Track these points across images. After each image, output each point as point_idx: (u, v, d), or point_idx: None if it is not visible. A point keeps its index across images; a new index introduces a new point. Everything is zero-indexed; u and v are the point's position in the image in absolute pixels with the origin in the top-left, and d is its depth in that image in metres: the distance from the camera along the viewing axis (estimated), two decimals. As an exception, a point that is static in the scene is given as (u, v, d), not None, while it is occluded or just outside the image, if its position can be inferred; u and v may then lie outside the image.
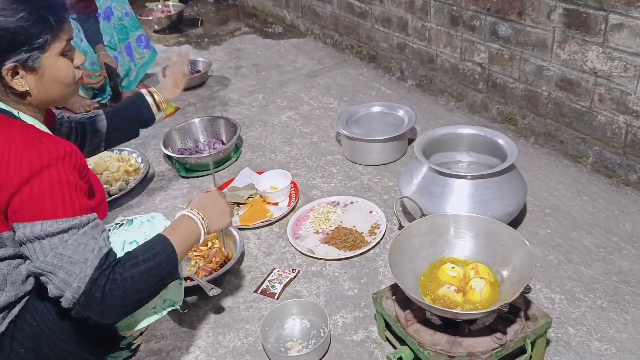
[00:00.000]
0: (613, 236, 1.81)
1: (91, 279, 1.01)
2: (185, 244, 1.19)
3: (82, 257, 1.02)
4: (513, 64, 2.29)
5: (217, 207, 1.32)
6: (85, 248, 1.02)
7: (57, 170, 1.03)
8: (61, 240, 1.01)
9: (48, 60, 1.11)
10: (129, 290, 1.05)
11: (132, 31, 3.13)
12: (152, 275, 1.09)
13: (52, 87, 1.14)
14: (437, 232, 1.48)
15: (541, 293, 1.63)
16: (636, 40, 1.79)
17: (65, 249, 1.01)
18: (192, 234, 1.22)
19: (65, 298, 1.02)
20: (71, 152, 1.06)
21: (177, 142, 2.55)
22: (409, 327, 1.36)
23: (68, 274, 1.01)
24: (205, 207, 1.28)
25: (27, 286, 1.15)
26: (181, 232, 1.20)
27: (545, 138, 2.28)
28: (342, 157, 2.42)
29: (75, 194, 1.05)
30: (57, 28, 1.10)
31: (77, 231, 1.03)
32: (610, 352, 1.44)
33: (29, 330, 1.13)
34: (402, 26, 2.85)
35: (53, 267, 1.01)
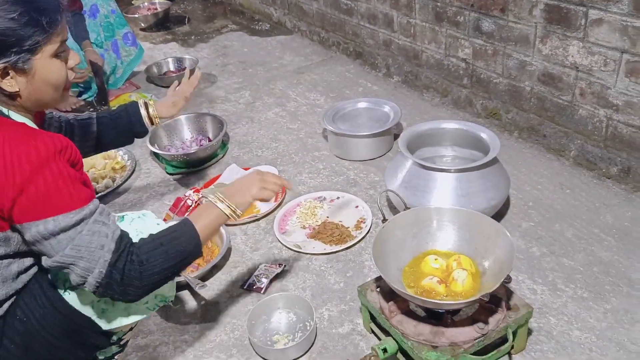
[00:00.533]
0: (594, 228, 1.84)
1: (110, 263, 1.05)
2: (210, 226, 1.24)
3: (99, 244, 1.05)
4: (496, 59, 2.31)
5: (245, 183, 1.35)
6: (99, 235, 1.06)
7: (57, 164, 1.03)
8: (76, 232, 1.04)
9: (39, 62, 1.09)
10: (147, 271, 1.09)
11: (118, 28, 3.12)
12: (170, 256, 1.13)
13: (43, 89, 1.13)
14: (420, 224, 1.50)
15: (524, 284, 1.65)
16: (615, 34, 1.82)
17: (82, 240, 1.04)
18: (215, 215, 1.25)
19: (89, 283, 1.06)
20: (67, 146, 1.07)
21: (164, 140, 2.55)
22: (393, 319, 1.38)
23: (89, 262, 1.04)
24: (233, 188, 1.32)
25: (18, 284, 1.15)
26: (204, 216, 1.24)
27: (528, 132, 2.31)
28: (328, 152, 2.43)
29: (78, 185, 1.07)
30: (49, 30, 1.08)
31: (88, 220, 1.06)
32: (590, 340, 1.46)
33: (19, 326, 1.14)
34: (387, 22, 2.87)
35: (73, 259, 1.04)
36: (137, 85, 3.27)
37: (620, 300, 1.57)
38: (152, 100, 1.78)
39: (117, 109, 1.75)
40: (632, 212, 1.88)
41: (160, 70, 3.37)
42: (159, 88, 3.23)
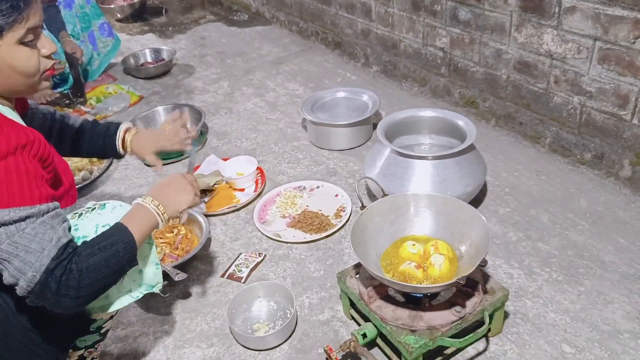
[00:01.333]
0: (569, 213, 1.87)
1: (47, 269, 1.00)
2: (143, 231, 1.17)
3: (39, 246, 1.00)
4: (473, 48, 2.33)
5: (175, 189, 1.29)
6: (42, 237, 1.01)
7: (16, 159, 1.00)
8: (18, 228, 1.00)
9: (2, 49, 1.06)
10: (85, 280, 1.04)
11: (94, 19, 3.08)
12: (110, 264, 1.08)
13: (10, 76, 1.10)
14: (397, 211, 1.51)
15: (500, 269, 1.68)
16: (588, 22, 1.84)
17: (22, 238, 1.00)
18: (148, 220, 1.20)
19: (20, 287, 1.01)
20: (33, 141, 1.04)
21: (142, 131, 2.52)
22: (372, 304, 1.39)
23: (23, 262, 0.99)
24: (162, 192, 1.26)
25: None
26: (137, 220, 1.18)
27: (505, 120, 2.34)
28: (308, 142, 2.43)
29: (35, 182, 1.03)
30: (11, 16, 1.04)
31: (36, 220, 1.01)
32: (564, 322, 1.50)
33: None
34: (365, 12, 2.87)
35: (8, 255, 1.00)
36: (114, 77, 3.23)
37: (594, 283, 1.60)
38: (135, 129, 1.60)
39: (103, 123, 1.62)
40: (605, 197, 1.92)
41: (137, 61, 3.34)
42: (136, 79, 3.19)
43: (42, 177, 1.06)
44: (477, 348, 1.45)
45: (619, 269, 1.64)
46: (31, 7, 1.07)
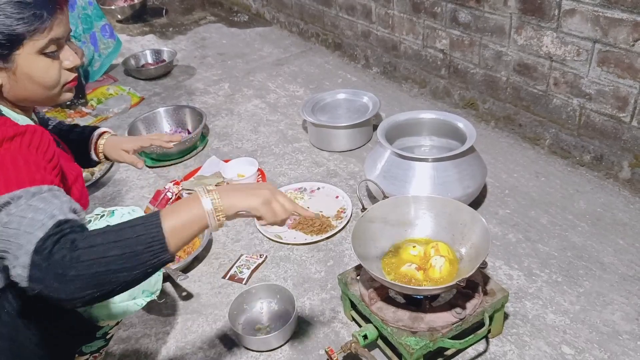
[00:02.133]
0: (568, 214, 1.88)
1: (36, 248, 0.87)
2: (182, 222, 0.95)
3: (29, 227, 0.89)
4: (473, 49, 2.34)
5: (247, 188, 1.05)
6: (33, 217, 0.90)
7: (4, 150, 0.97)
8: (7, 213, 0.91)
9: (21, 58, 1.04)
10: (82, 257, 0.87)
11: (96, 20, 3.09)
12: (119, 245, 0.89)
13: (28, 86, 1.08)
14: (398, 213, 1.52)
15: (500, 270, 1.69)
16: (587, 25, 1.85)
17: (12, 222, 0.90)
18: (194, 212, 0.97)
19: (20, 277, 0.89)
20: (24, 132, 1.00)
21: (143, 132, 2.54)
22: (372, 306, 1.40)
23: (17, 247, 0.89)
24: (231, 187, 1.04)
25: (8, 278, 1.14)
26: (178, 208, 0.97)
27: (504, 122, 2.35)
28: (308, 144, 2.44)
29: (26, 168, 0.96)
30: (33, 25, 1.02)
31: (26, 201, 0.92)
32: (564, 323, 1.51)
33: (5, 318, 1.13)
34: (366, 14, 2.88)
35: (3, 244, 0.91)
36: (114, 78, 3.23)
37: (593, 284, 1.61)
38: (110, 134, 1.54)
39: (80, 127, 1.56)
40: (604, 198, 1.93)
41: (138, 62, 3.34)
42: (137, 80, 3.20)
43: (37, 164, 0.99)
44: (477, 349, 1.46)
45: (619, 270, 1.65)
46: (55, 18, 1.05)
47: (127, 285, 0.92)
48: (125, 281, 0.91)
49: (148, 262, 0.91)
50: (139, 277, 0.92)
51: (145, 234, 0.91)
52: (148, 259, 0.91)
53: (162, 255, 0.92)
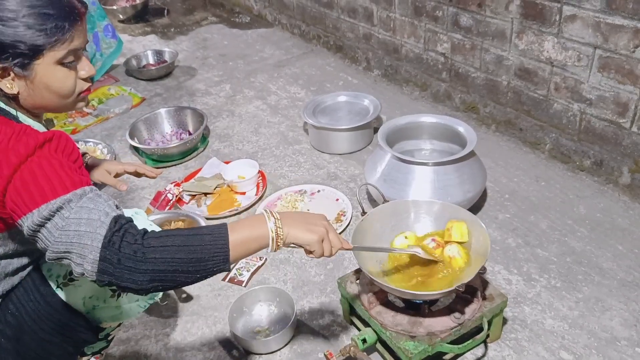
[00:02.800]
0: (568, 219, 1.89)
1: (103, 244, 0.95)
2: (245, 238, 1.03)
3: (89, 227, 0.96)
4: (474, 53, 2.35)
5: (307, 221, 1.11)
6: (89, 217, 0.96)
7: (38, 158, 1.00)
8: (62, 217, 0.96)
9: (40, 67, 1.05)
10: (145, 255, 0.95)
11: (99, 20, 3.09)
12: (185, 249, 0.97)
13: (44, 95, 1.09)
14: (398, 217, 1.53)
15: (499, 274, 1.70)
16: (588, 30, 1.86)
17: (69, 225, 0.96)
18: (258, 231, 1.05)
19: (89, 272, 0.96)
20: (51, 137, 1.03)
21: (144, 133, 2.54)
22: (372, 310, 1.40)
23: (81, 247, 0.95)
24: (292, 216, 1.10)
25: (16, 280, 1.15)
26: (245, 224, 1.05)
27: (505, 126, 2.35)
28: (309, 146, 2.45)
29: (64, 172, 1.00)
30: (53, 36, 1.03)
31: (76, 204, 0.98)
32: (562, 328, 1.51)
33: (11, 319, 1.15)
34: (367, 16, 2.89)
35: (65, 247, 0.96)
36: (115, 79, 3.24)
37: (592, 289, 1.62)
38: (89, 156, 1.54)
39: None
40: (603, 204, 1.94)
41: (139, 63, 3.35)
42: (138, 81, 3.20)
43: (70, 166, 1.03)
44: (475, 354, 1.46)
45: (617, 276, 1.65)
46: (76, 29, 1.06)
47: (184, 285, 1.02)
48: (185, 281, 1.00)
49: (209, 269, 1.00)
50: (196, 280, 1.01)
51: (212, 244, 0.99)
52: (210, 266, 0.99)
53: (223, 265, 1.00)
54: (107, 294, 1.21)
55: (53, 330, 1.17)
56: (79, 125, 2.76)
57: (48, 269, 1.17)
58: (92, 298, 1.19)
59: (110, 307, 1.21)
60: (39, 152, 1.00)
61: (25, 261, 1.16)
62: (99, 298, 1.19)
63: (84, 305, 1.18)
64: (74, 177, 1.00)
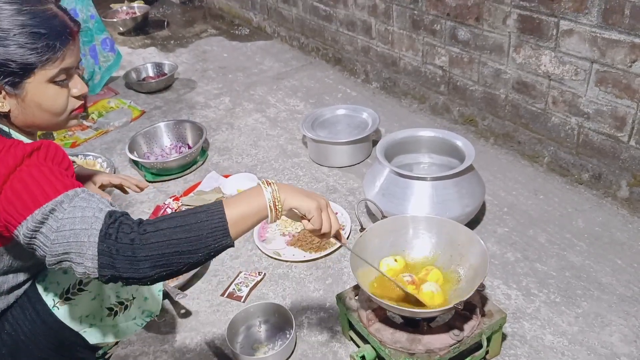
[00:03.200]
0: (566, 233, 1.89)
1: (100, 238, 0.94)
2: (243, 210, 1.02)
3: (83, 224, 0.94)
4: (472, 67, 2.36)
5: (305, 191, 1.13)
6: (83, 215, 0.95)
7: (27, 167, 0.99)
8: (56, 220, 0.96)
9: (32, 86, 1.05)
10: (142, 241, 0.94)
11: (97, 34, 3.11)
12: (184, 229, 0.97)
13: (36, 113, 1.09)
14: (397, 233, 1.53)
15: (498, 289, 1.69)
16: (585, 45, 1.87)
17: (64, 225, 0.95)
18: (256, 201, 1.04)
19: (90, 269, 0.94)
20: (39, 147, 1.03)
21: (143, 147, 2.55)
22: (370, 326, 1.40)
23: (79, 245, 0.94)
24: (291, 187, 1.12)
25: (11, 298, 1.15)
26: (241, 197, 1.05)
27: (504, 139, 2.36)
28: (308, 159, 2.45)
29: (54, 176, 0.99)
30: (44, 55, 1.03)
31: (69, 204, 0.97)
32: (562, 344, 1.51)
33: (7, 338, 1.14)
34: (366, 29, 2.90)
35: (63, 247, 0.95)
36: (115, 91, 3.25)
37: (591, 305, 1.61)
38: (77, 164, 1.53)
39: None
40: (602, 217, 1.94)
41: (139, 75, 3.36)
42: (138, 94, 3.21)
43: (61, 172, 1.03)
44: (475, 370, 1.46)
45: (617, 291, 1.65)
46: (68, 48, 1.06)
47: (192, 266, 0.99)
48: (190, 262, 0.98)
49: (211, 246, 0.99)
50: (202, 259, 1.00)
51: (209, 220, 0.98)
52: (211, 242, 0.98)
53: (224, 240, 0.99)
54: (103, 312, 1.21)
55: (50, 350, 1.17)
56: (78, 138, 2.76)
57: (45, 288, 1.16)
58: (89, 317, 1.18)
59: (107, 325, 1.21)
60: (28, 161, 0.99)
61: (21, 279, 1.15)
62: (96, 317, 1.19)
63: (81, 324, 1.18)
64: (65, 180, 1.00)
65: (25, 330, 1.15)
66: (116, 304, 1.22)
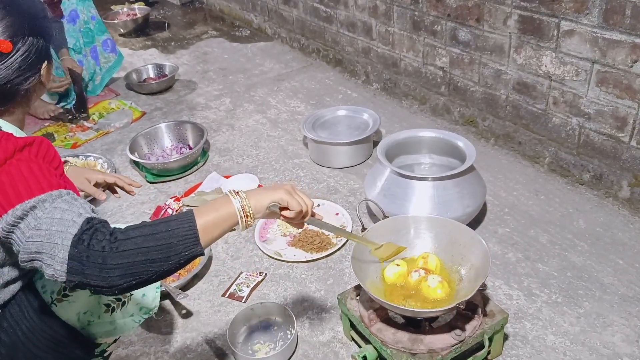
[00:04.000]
0: (567, 233, 1.89)
1: (73, 243, 0.93)
2: (213, 219, 1.05)
3: (60, 226, 0.95)
4: (473, 68, 2.36)
5: (271, 187, 1.17)
6: (62, 217, 0.96)
7: (15, 161, 1.00)
8: (35, 217, 0.96)
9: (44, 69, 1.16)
10: (120, 247, 0.95)
11: (98, 35, 3.11)
12: (155, 238, 0.98)
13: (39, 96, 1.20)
14: (398, 233, 1.53)
15: (500, 290, 1.69)
16: (586, 45, 1.87)
17: (41, 225, 0.95)
18: (224, 209, 1.07)
19: (59, 272, 0.94)
20: (31, 143, 1.04)
21: (144, 148, 2.54)
22: (372, 327, 1.40)
23: (51, 246, 0.94)
24: (257, 190, 1.16)
25: (6, 294, 1.15)
26: (210, 206, 1.08)
27: (504, 139, 2.36)
28: (309, 160, 2.45)
29: (41, 174, 1.00)
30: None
31: (50, 204, 0.97)
32: (564, 344, 1.50)
33: (4, 337, 1.14)
34: (366, 31, 2.90)
35: (36, 246, 0.95)
36: (116, 92, 3.25)
37: (593, 305, 1.61)
38: (71, 164, 1.54)
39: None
40: (603, 218, 1.94)
41: (139, 77, 3.36)
42: (139, 95, 3.21)
43: (49, 171, 1.04)
44: (476, 371, 1.45)
45: (618, 291, 1.65)
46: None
47: (161, 275, 1.00)
48: (160, 270, 0.98)
49: (182, 254, 1.00)
50: (172, 268, 1.00)
51: (179, 228, 1.00)
52: (181, 250, 0.99)
53: (194, 248, 1.01)
54: (101, 309, 1.20)
55: (48, 348, 1.16)
56: (79, 139, 2.76)
57: (42, 285, 1.16)
58: (87, 314, 1.18)
59: (104, 322, 1.21)
60: (19, 155, 1.01)
61: (15, 273, 1.14)
62: (93, 313, 1.19)
63: (79, 321, 1.18)
64: (52, 179, 1.01)
65: (23, 328, 1.14)
66: (113, 300, 1.22)
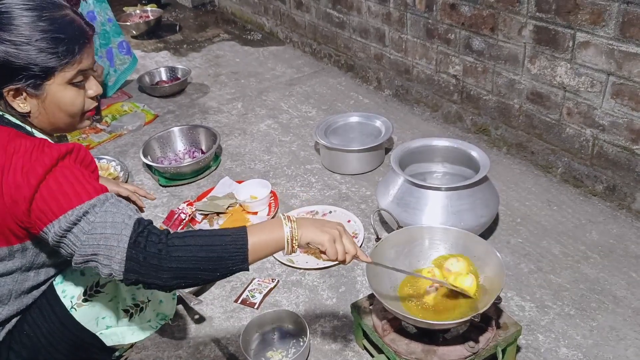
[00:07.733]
0: (580, 245, 1.88)
1: (129, 244, 1.01)
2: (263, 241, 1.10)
3: (115, 229, 1.02)
4: (486, 76, 2.36)
5: (320, 224, 1.17)
6: (114, 221, 1.02)
7: (61, 168, 1.04)
8: (88, 222, 1.02)
9: (52, 87, 1.10)
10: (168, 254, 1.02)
11: (114, 37, 3.14)
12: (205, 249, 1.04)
13: (55, 114, 1.14)
14: (412, 243, 1.53)
15: (512, 301, 1.69)
16: (601, 57, 1.87)
17: (95, 228, 1.01)
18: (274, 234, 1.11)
19: (116, 272, 1.02)
20: (72, 149, 1.08)
21: (157, 151, 2.56)
22: (385, 337, 1.40)
23: (108, 249, 1.01)
24: (308, 220, 1.17)
25: (29, 299, 1.17)
26: (263, 227, 1.13)
27: (517, 149, 2.36)
28: (320, 166, 2.46)
29: (85, 180, 1.06)
30: (65, 58, 1.09)
31: (100, 208, 1.03)
32: (577, 357, 1.50)
33: (26, 341, 1.17)
34: (379, 37, 2.91)
35: (92, 249, 1.02)
36: (129, 95, 3.27)
37: (606, 318, 1.61)
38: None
39: None
40: (617, 229, 1.93)
41: (152, 79, 3.38)
42: (151, 98, 3.23)
43: (90, 176, 1.09)
44: (489, 382, 1.45)
45: (632, 305, 1.64)
46: (84, 51, 1.12)
47: (206, 282, 1.12)
48: (207, 279, 1.08)
49: (228, 268, 1.08)
50: (216, 278, 1.09)
51: (232, 245, 1.07)
52: (229, 265, 1.07)
53: (241, 265, 1.08)
54: (119, 314, 1.22)
55: (68, 352, 1.20)
56: (92, 141, 2.78)
57: (63, 290, 1.18)
58: (106, 319, 1.21)
59: (122, 327, 1.23)
60: (62, 163, 1.05)
61: (41, 277, 1.17)
62: (112, 318, 1.21)
63: (98, 325, 1.20)
64: (95, 184, 1.07)
65: (44, 331, 1.17)
66: (132, 306, 1.24)
